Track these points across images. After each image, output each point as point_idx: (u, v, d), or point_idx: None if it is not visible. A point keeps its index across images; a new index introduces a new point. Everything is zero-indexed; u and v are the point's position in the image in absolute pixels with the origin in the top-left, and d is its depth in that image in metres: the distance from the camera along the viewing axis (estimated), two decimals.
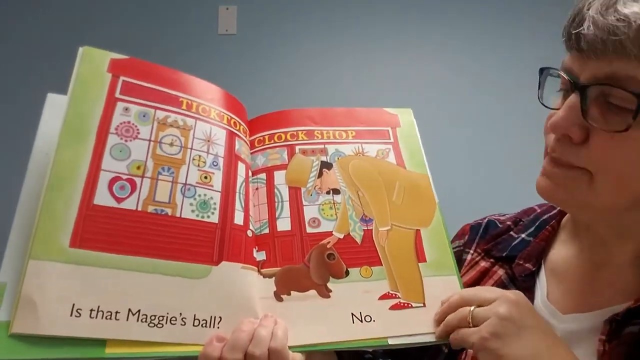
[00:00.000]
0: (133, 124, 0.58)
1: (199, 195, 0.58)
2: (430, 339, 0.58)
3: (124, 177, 0.56)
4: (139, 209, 0.55)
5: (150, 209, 0.55)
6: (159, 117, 0.60)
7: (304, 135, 0.69)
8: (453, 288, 0.62)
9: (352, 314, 0.59)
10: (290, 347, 0.55)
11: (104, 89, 0.58)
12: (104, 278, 0.51)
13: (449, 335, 0.56)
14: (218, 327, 0.54)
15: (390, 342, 0.58)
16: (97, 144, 0.55)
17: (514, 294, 0.54)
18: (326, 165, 0.68)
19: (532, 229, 0.68)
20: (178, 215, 0.56)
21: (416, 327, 0.59)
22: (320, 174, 0.67)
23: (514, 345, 0.49)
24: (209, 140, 0.62)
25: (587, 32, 0.48)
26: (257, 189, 0.65)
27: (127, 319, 0.51)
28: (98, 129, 0.56)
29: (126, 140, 0.57)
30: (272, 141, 0.69)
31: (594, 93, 0.49)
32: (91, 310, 0.50)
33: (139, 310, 0.52)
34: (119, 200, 0.55)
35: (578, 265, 0.62)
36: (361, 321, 0.58)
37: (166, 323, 0.52)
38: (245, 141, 0.66)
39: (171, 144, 0.59)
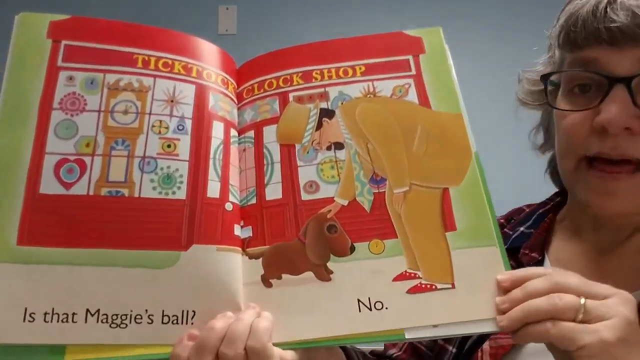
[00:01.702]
0: (79, 94, 0.49)
1: (161, 169, 0.49)
2: (483, 328, 0.45)
3: (72, 158, 0.47)
4: (91, 193, 0.47)
5: (103, 191, 0.47)
6: (109, 82, 0.50)
7: (300, 78, 0.56)
8: (493, 263, 0.47)
9: (359, 300, 0.47)
10: (278, 344, 0.45)
11: (44, 59, 0.49)
12: (57, 277, 0.45)
13: (521, 325, 0.43)
14: (192, 323, 0.46)
15: (408, 335, 0.45)
16: (39, 124, 0.48)
17: (629, 295, 0.43)
18: (327, 114, 0.54)
19: (530, 222, 0.65)
20: (136, 195, 0.47)
21: (442, 314, 0.46)
22: (319, 125, 0.53)
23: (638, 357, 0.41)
24: (172, 101, 0.51)
25: (622, 21, 0.48)
26: (244, 150, 0.54)
27: (86, 321, 0.44)
28: (40, 106, 0.48)
29: (72, 115, 0.49)
30: (262, 90, 0.56)
31: (638, 81, 0.49)
32: (45, 313, 0.44)
33: (98, 310, 0.45)
34: (67, 185, 0.47)
35: (584, 253, 0.59)
36: (370, 309, 0.46)
37: (130, 322, 0.45)
38: (225, 94, 0.55)
39: (125, 112, 0.50)
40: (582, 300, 0.42)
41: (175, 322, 0.45)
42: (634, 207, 0.51)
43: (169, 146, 0.49)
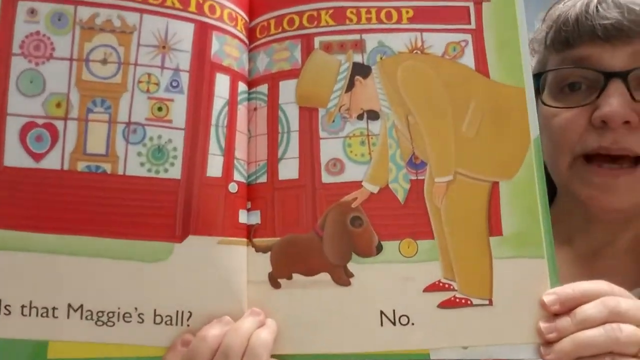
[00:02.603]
0: (44, 35, 0.38)
1: (150, 139, 0.39)
2: (520, 354, 0.39)
3: (40, 121, 0.38)
4: (65, 167, 0.38)
5: (81, 166, 0.39)
6: (82, 18, 0.38)
7: (330, 17, 0.43)
8: (539, 278, 0.39)
9: (382, 312, 0.40)
10: (281, 357, 0.39)
11: None
12: (34, 265, 0.38)
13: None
14: (188, 325, 0.40)
15: (433, 356, 0.39)
16: None
17: None
18: (361, 71, 0.42)
19: None
20: (120, 172, 0.39)
21: (475, 335, 0.39)
22: (350, 86, 0.42)
23: None
24: (163, 47, 0.40)
25: (615, 17, 0.48)
26: (255, 109, 0.44)
27: (68, 317, 0.39)
28: None
29: (37, 64, 0.38)
30: (280, 29, 0.44)
31: (635, 76, 0.49)
32: (23, 306, 0.38)
33: (81, 306, 0.39)
34: (36, 157, 0.38)
35: (573, 258, 0.57)
36: (394, 323, 0.40)
37: (118, 320, 0.39)
38: (233, 35, 0.43)
39: (104, 61, 0.39)
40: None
41: (168, 322, 0.40)
42: (633, 203, 0.51)
43: (159, 109, 0.39)
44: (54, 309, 0.38)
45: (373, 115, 0.42)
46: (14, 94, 0.38)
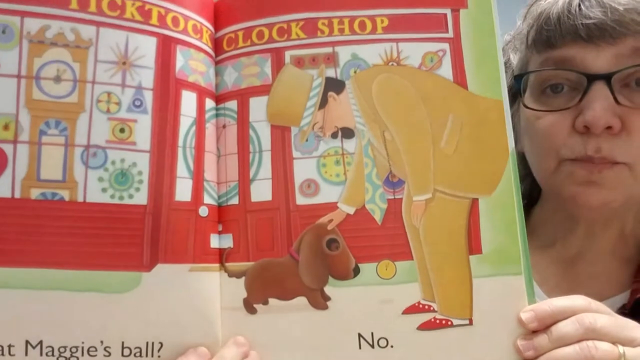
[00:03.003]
0: None
1: (113, 163, 0.36)
2: None
3: None
4: (17, 195, 0.35)
5: (35, 193, 0.35)
6: (30, 31, 0.35)
7: (300, 29, 0.41)
8: (517, 295, 0.39)
9: (360, 335, 0.39)
10: None
11: None
12: None
13: None
14: (159, 356, 0.38)
15: None
16: None
17: None
18: (334, 86, 0.41)
19: None
20: (80, 199, 0.36)
21: (455, 355, 0.39)
22: (323, 103, 0.41)
23: None
24: (124, 63, 0.37)
25: (598, 17, 0.47)
26: (224, 126, 0.42)
27: (26, 354, 0.36)
28: None
29: None
30: (249, 42, 0.42)
31: (619, 78, 0.47)
32: None
33: (40, 342, 0.36)
34: None
35: (550, 263, 0.56)
36: (372, 346, 0.39)
37: (82, 355, 0.36)
38: (198, 48, 0.40)
39: (57, 79, 0.35)
40: (622, 349, 0.36)
41: (138, 355, 0.37)
42: (618, 197, 0.50)
43: (122, 131, 0.36)
44: (9, 346, 0.35)
45: (348, 133, 0.41)
46: None
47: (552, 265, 0.56)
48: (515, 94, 0.54)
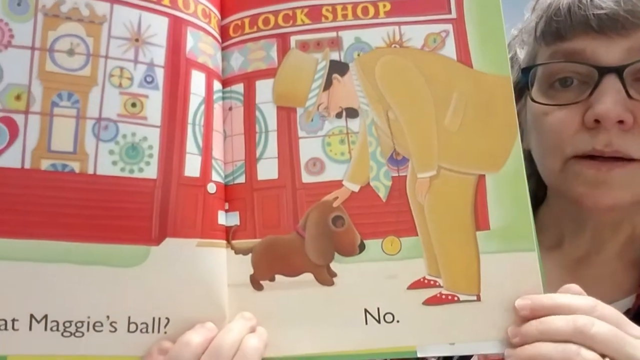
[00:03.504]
0: (1, 20, 0.35)
1: (124, 137, 0.37)
2: (490, 349, 0.39)
3: None
4: (27, 165, 0.35)
5: (45, 164, 0.35)
6: (46, 5, 0.36)
7: (305, 16, 0.43)
8: (528, 272, 0.40)
9: (366, 310, 0.39)
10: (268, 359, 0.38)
11: None
12: None
13: None
14: (165, 332, 0.37)
15: (420, 353, 0.39)
16: None
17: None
18: (338, 69, 0.42)
19: None
20: (90, 171, 0.36)
21: (462, 331, 0.39)
22: (328, 84, 0.42)
23: None
24: (137, 40, 0.38)
25: (611, 7, 0.45)
26: (230, 109, 0.42)
27: (30, 328, 0.35)
28: None
29: None
30: (255, 28, 0.43)
31: (631, 71, 0.46)
32: None
33: (45, 316, 0.35)
34: None
35: (555, 266, 0.52)
36: (378, 321, 0.39)
37: (88, 330, 0.36)
38: (207, 31, 0.41)
39: (71, 52, 0.36)
40: (580, 350, 0.34)
41: (144, 330, 0.37)
42: (626, 200, 0.48)
43: (133, 105, 0.37)
44: (13, 320, 0.35)
45: (352, 113, 0.42)
46: None
47: (556, 268, 0.53)
48: (522, 89, 0.52)
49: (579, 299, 0.37)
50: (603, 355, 0.34)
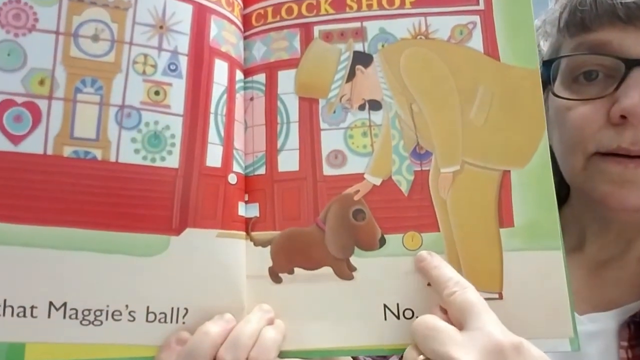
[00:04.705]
0: (25, 3, 0.35)
1: (146, 125, 0.36)
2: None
3: (20, 100, 0.35)
4: (49, 152, 0.35)
5: (68, 151, 0.35)
6: None
7: (329, 5, 0.42)
8: (553, 271, 0.39)
9: (385, 305, 0.39)
10: (286, 353, 0.37)
11: None
12: (9, 260, 0.34)
13: None
14: (183, 323, 0.37)
15: None
16: None
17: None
18: (362, 60, 0.42)
19: None
20: (112, 159, 0.36)
21: None
22: (351, 75, 0.41)
23: None
24: (161, 27, 0.37)
25: None
26: (251, 99, 0.42)
27: (49, 316, 0.35)
28: None
29: (16, 35, 0.35)
30: (278, 17, 0.43)
31: None
32: None
33: (64, 304, 0.35)
34: (15, 139, 0.34)
35: (575, 268, 0.50)
36: (398, 317, 0.39)
37: (106, 319, 0.36)
38: (230, 20, 0.41)
39: (95, 38, 0.36)
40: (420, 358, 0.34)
41: (162, 320, 0.37)
42: None
43: (157, 93, 0.37)
44: (32, 307, 0.35)
45: (375, 105, 0.41)
46: None
47: (576, 270, 0.51)
48: (544, 83, 0.50)
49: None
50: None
